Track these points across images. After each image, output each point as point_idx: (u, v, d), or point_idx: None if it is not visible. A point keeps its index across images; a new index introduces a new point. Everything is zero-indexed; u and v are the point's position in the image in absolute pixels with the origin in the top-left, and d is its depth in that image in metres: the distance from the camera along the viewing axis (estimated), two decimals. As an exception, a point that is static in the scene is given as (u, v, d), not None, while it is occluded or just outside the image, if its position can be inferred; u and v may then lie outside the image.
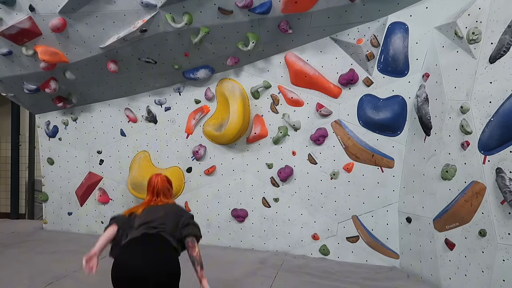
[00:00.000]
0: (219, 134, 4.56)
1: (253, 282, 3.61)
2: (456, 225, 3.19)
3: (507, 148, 2.77)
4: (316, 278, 3.70)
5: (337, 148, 4.25)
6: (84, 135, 5.47)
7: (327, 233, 4.36)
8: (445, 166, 3.30)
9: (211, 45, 4.25)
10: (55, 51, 4.41)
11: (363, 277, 3.74)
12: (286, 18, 3.91)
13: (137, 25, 4.00)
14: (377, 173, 4.09)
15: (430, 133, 3.57)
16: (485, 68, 3.00)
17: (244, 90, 4.54)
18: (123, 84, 4.97)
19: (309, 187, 4.40)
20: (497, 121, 2.83)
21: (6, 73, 4.79)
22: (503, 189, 2.73)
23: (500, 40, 2.88)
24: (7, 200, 7.43)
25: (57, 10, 4.02)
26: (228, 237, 4.82)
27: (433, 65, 3.60)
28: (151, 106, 5.09)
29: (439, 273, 3.37)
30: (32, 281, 3.60)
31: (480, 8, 3.08)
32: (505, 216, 2.76)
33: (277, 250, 4.57)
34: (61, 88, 5.05)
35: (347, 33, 4.04)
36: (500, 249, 2.78)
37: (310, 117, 4.36)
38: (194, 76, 4.68)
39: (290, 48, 4.31)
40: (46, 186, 5.76)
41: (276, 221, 4.59)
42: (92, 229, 5.47)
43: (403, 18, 3.78)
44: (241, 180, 4.73)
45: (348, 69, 4.13)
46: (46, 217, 5.81)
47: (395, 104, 3.95)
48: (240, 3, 3.72)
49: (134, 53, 4.40)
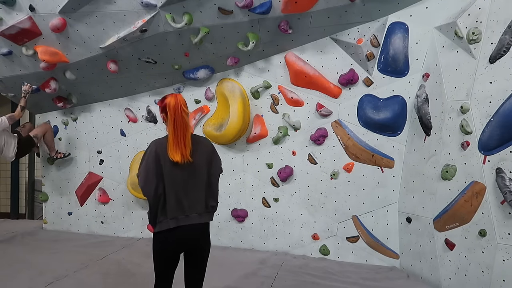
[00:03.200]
0: (219, 134, 4.56)
1: (253, 282, 3.61)
2: (456, 225, 3.19)
3: (507, 148, 2.77)
4: (316, 278, 3.70)
5: (337, 148, 4.25)
6: (84, 135, 5.47)
7: (327, 233, 4.36)
8: (445, 166, 3.30)
9: (211, 45, 4.26)
10: (55, 51, 4.41)
11: (363, 277, 3.74)
12: (286, 18, 3.91)
13: (137, 25, 4.00)
14: (377, 173, 4.09)
15: (430, 133, 3.57)
16: (485, 68, 3.00)
17: (244, 90, 4.54)
18: (123, 84, 4.97)
19: (309, 187, 4.40)
20: (497, 121, 2.84)
21: (6, 73, 4.80)
22: (503, 189, 2.73)
23: (500, 40, 2.88)
24: (7, 200, 7.43)
25: (57, 10, 4.02)
26: (228, 237, 4.82)
27: (433, 65, 3.60)
28: (151, 106, 5.10)
29: (439, 273, 3.38)
30: (32, 281, 3.60)
31: (480, 8, 3.08)
32: (505, 216, 2.76)
33: (277, 250, 4.57)
34: (61, 88, 5.05)
35: (347, 33, 4.04)
36: (500, 249, 2.78)
37: (310, 117, 4.36)
38: (194, 76, 4.68)
39: (290, 48, 4.32)
40: (46, 186, 5.77)
41: (276, 221, 4.59)
42: (92, 229, 5.48)
43: (403, 18, 3.78)
44: (241, 180, 4.73)
45: (348, 69, 4.13)
46: (46, 217, 5.81)
47: (395, 104, 3.95)
48: (240, 3, 3.72)
49: (134, 53, 4.40)
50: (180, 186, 2.25)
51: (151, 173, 2.21)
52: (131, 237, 5.19)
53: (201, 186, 2.32)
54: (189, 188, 2.28)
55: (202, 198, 2.32)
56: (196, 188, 2.30)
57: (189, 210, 2.27)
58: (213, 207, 2.40)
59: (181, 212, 2.26)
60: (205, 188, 2.34)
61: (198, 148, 2.32)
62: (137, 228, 5.25)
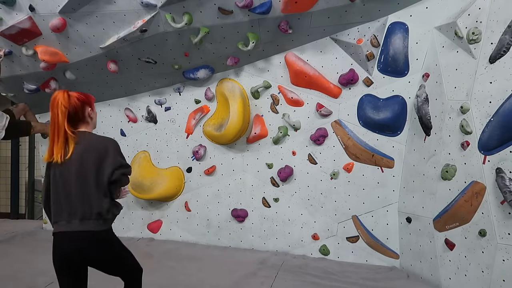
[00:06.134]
0: (219, 134, 4.56)
1: (253, 282, 3.62)
2: (456, 225, 3.19)
3: (507, 148, 2.77)
4: (316, 278, 3.70)
5: (337, 148, 4.25)
6: (84, 135, 5.46)
7: (327, 233, 4.36)
8: (445, 166, 3.30)
9: (211, 45, 4.26)
10: (55, 51, 4.41)
11: (363, 277, 3.74)
12: (286, 18, 3.91)
13: (137, 25, 4.00)
14: (377, 173, 4.09)
15: (430, 133, 3.57)
16: (485, 68, 3.00)
17: (244, 90, 4.54)
18: (123, 84, 4.97)
19: (309, 187, 4.40)
20: (497, 121, 2.83)
21: (6, 73, 4.79)
22: (503, 189, 2.73)
23: (500, 40, 2.88)
24: (7, 200, 7.43)
25: (57, 10, 4.02)
26: (228, 237, 4.82)
27: (433, 65, 3.60)
28: (151, 106, 5.09)
29: (439, 273, 3.38)
30: (32, 281, 3.60)
31: (480, 8, 3.08)
32: (505, 216, 2.76)
33: (277, 250, 4.57)
34: (61, 88, 5.04)
35: (347, 33, 4.04)
36: (500, 249, 2.78)
37: (310, 117, 4.36)
38: (194, 76, 4.68)
39: (290, 48, 4.32)
40: (46, 186, 5.76)
41: (276, 221, 4.59)
42: (92, 229, 5.47)
43: (403, 18, 3.78)
44: (241, 180, 4.73)
45: (348, 69, 4.13)
46: (46, 217, 5.81)
47: (395, 104, 3.95)
48: (240, 3, 3.72)
49: (134, 53, 4.40)
50: (59, 188, 2.07)
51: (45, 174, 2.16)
52: (131, 237, 5.18)
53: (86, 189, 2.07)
54: (71, 191, 2.06)
55: (87, 202, 2.07)
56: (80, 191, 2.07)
57: (69, 216, 2.05)
58: (99, 214, 2.08)
59: (61, 217, 2.06)
60: (93, 192, 2.07)
61: (83, 147, 2.10)
62: (137, 228, 5.25)
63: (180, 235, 5.06)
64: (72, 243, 2.05)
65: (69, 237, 2.05)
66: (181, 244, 4.89)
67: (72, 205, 2.05)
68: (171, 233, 5.09)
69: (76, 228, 2.04)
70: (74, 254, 2.05)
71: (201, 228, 4.96)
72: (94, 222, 2.07)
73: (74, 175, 2.06)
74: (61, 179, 2.07)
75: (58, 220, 2.08)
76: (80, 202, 2.06)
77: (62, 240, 2.07)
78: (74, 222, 2.04)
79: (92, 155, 2.10)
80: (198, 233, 4.97)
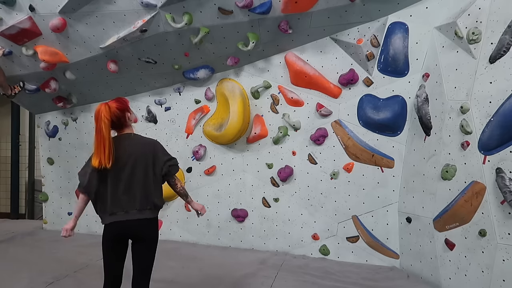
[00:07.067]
0: (219, 134, 4.56)
1: (253, 282, 3.61)
2: (456, 225, 3.19)
3: (507, 148, 2.77)
4: (316, 278, 3.70)
5: (337, 148, 4.25)
6: (84, 135, 5.47)
7: (327, 233, 4.36)
8: (445, 166, 3.30)
9: (211, 45, 4.26)
10: (55, 51, 4.41)
11: (363, 277, 3.74)
12: (286, 18, 3.91)
13: (137, 25, 4.00)
14: (377, 173, 4.09)
15: (430, 133, 3.57)
16: (485, 68, 3.00)
17: (244, 90, 4.54)
18: (123, 84, 4.97)
19: (309, 187, 4.40)
20: (497, 121, 2.83)
21: (6, 73, 4.78)
22: (503, 189, 2.73)
23: (500, 40, 2.88)
24: (7, 200, 7.43)
25: (57, 10, 4.02)
26: (228, 237, 4.82)
27: (433, 65, 3.60)
28: (151, 106, 5.10)
29: (439, 273, 3.38)
30: (32, 281, 3.60)
31: (480, 8, 3.08)
32: (505, 216, 2.76)
33: (277, 250, 4.57)
34: (61, 88, 5.05)
35: (347, 33, 4.04)
36: (500, 249, 2.78)
37: (310, 117, 4.36)
38: (194, 76, 4.68)
39: (290, 48, 4.32)
40: (46, 186, 5.77)
41: (276, 221, 4.59)
42: (92, 229, 5.47)
43: (403, 18, 3.78)
44: (241, 180, 4.73)
45: (348, 69, 4.13)
46: (46, 217, 5.81)
47: (395, 104, 3.95)
48: (240, 3, 3.72)
49: (134, 53, 4.40)
50: (115, 186, 2.38)
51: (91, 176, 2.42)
52: (131, 237, 5.18)
53: (137, 185, 2.40)
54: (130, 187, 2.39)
55: (138, 196, 2.40)
56: (132, 187, 2.40)
57: (129, 207, 2.39)
58: (155, 205, 2.47)
59: (120, 209, 2.39)
60: (141, 187, 2.41)
61: (135, 150, 2.42)
62: (137, 228, 5.24)
63: (180, 235, 5.06)
64: (129, 227, 2.40)
65: (128, 224, 2.39)
66: (181, 244, 4.89)
67: (131, 198, 2.38)
68: (171, 233, 5.09)
69: (134, 217, 2.39)
70: (130, 231, 2.41)
71: (201, 228, 4.96)
72: (149, 211, 2.43)
73: (129, 174, 2.38)
74: (116, 179, 2.37)
75: (116, 211, 2.38)
76: (138, 195, 2.39)
77: (120, 227, 2.39)
78: (133, 212, 2.38)
79: (144, 156, 2.43)
80: (198, 233, 4.97)
